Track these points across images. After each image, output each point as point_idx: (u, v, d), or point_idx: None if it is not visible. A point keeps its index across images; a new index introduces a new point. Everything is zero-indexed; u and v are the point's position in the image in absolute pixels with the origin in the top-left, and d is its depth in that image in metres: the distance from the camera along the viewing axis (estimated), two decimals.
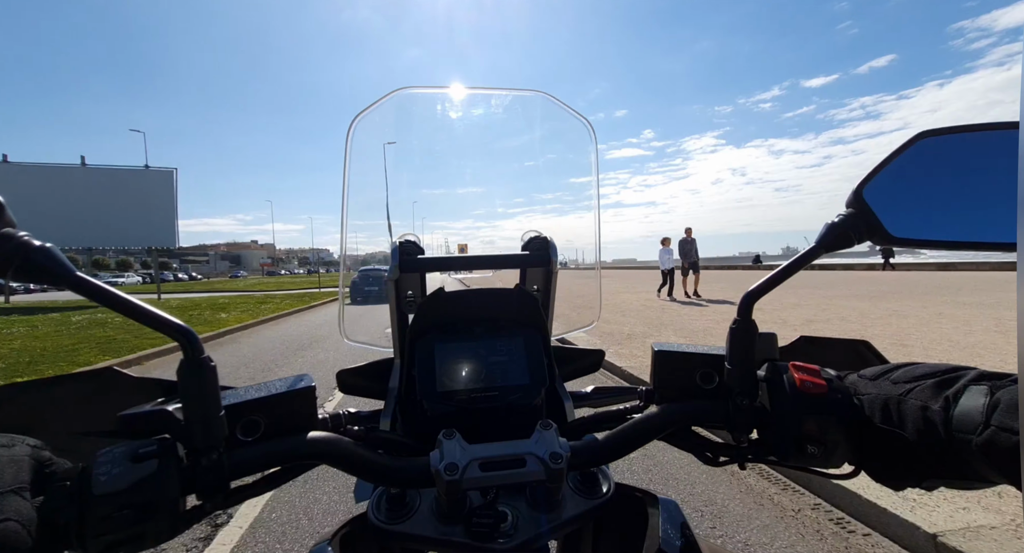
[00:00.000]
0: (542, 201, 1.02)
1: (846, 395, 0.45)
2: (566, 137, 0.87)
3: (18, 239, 0.34)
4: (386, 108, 0.75)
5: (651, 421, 0.52)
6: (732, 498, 2.56)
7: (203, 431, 0.40)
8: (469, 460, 0.45)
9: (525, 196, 1.03)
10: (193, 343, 0.39)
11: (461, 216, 1.03)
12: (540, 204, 1.01)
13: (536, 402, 0.64)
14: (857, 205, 0.47)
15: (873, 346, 0.55)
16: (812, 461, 0.45)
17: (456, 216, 1.04)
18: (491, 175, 0.99)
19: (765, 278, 0.49)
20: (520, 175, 0.99)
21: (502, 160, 0.96)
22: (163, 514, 0.36)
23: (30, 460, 0.34)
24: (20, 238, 0.34)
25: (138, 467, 0.36)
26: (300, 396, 0.49)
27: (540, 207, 1.01)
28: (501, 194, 1.01)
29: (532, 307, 0.69)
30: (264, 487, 0.47)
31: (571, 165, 0.91)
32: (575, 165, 0.90)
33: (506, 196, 1.01)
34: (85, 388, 0.44)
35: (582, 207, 0.92)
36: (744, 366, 0.49)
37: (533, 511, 0.53)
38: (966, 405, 0.37)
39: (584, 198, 0.92)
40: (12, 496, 0.31)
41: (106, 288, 0.37)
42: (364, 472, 0.48)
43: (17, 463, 0.33)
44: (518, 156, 0.95)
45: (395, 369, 0.71)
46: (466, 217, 1.03)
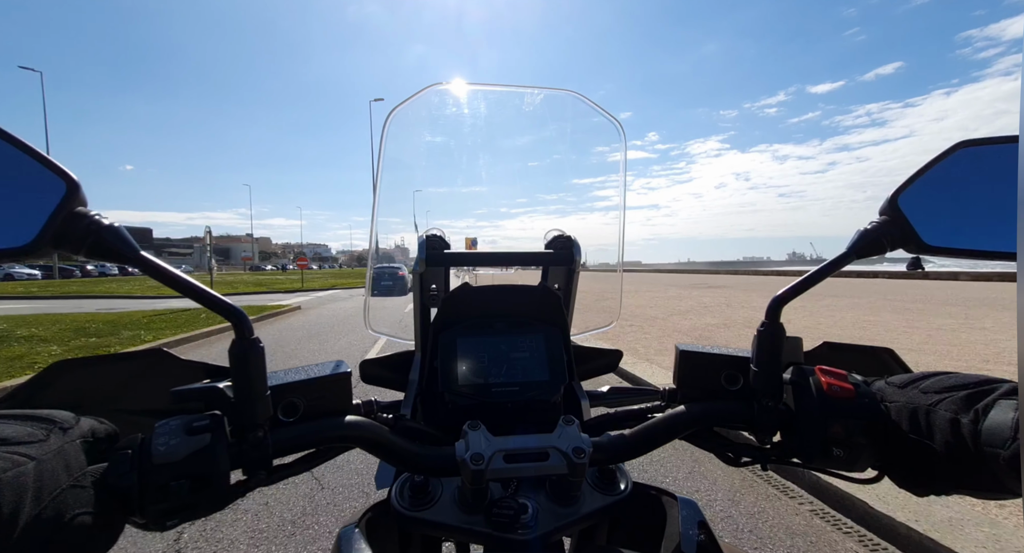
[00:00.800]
0: (569, 200, 1.03)
1: (873, 401, 0.45)
2: (596, 136, 0.88)
3: (91, 218, 0.36)
4: (420, 103, 0.76)
5: (674, 420, 0.53)
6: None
7: (250, 409, 0.41)
8: (494, 451, 0.46)
9: (551, 194, 1.04)
10: (244, 324, 0.41)
11: (489, 211, 1.05)
12: (566, 203, 1.02)
13: (555, 399, 0.65)
14: (892, 212, 0.47)
15: (896, 354, 0.55)
16: (836, 464, 0.46)
17: (483, 211, 1.05)
18: (519, 172, 1.00)
19: (794, 283, 0.49)
20: (546, 172, 1.00)
21: (531, 157, 0.97)
22: (214, 486, 0.38)
23: (77, 441, 0.35)
24: (92, 217, 0.36)
25: (193, 439, 0.37)
26: (337, 381, 0.50)
27: (565, 205, 1.02)
28: (527, 190, 1.02)
29: (555, 305, 0.70)
30: (302, 467, 0.49)
31: (599, 164, 0.91)
32: (602, 164, 0.90)
33: (532, 193, 1.02)
34: (135, 367, 0.46)
35: (607, 207, 0.92)
36: (771, 368, 0.50)
37: (552, 505, 0.54)
38: (995, 419, 0.37)
39: (608, 198, 0.93)
40: (72, 491, 0.32)
41: (167, 268, 0.39)
42: (394, 458, 0.49)
43: (64, 454, 0.33)
44: (548, 154, 0.96)
45: (416, 361, 0.72)
46: (493, 213, 1.05)
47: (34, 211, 0.33)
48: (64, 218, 0.34)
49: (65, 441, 0.34)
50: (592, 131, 0.86)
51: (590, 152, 0.91)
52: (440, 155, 0.91)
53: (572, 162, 0.95)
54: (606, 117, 0.82)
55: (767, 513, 2.46)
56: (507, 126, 0.91)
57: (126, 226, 0.37)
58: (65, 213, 0.34)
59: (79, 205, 0.35)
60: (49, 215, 0.34)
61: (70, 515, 0.31)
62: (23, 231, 0.33)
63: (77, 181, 0.35)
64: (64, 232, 0.35)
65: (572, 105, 0.84)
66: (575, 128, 0.88)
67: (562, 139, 0.91)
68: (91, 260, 0.36)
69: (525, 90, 0.85)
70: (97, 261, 0.37)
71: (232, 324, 0.41)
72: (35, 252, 0.34)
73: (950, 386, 0.42)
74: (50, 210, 0.34)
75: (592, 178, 0.94)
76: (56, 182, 0.34)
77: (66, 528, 0.30)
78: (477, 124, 0.88)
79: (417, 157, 0.88)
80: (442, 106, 0.84)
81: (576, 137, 0.89)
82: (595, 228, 0.94)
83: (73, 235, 0.35)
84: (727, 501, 2.59)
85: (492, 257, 0.77)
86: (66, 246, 0.35)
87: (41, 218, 0.33)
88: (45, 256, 0.36)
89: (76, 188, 0.35)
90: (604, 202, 0.93)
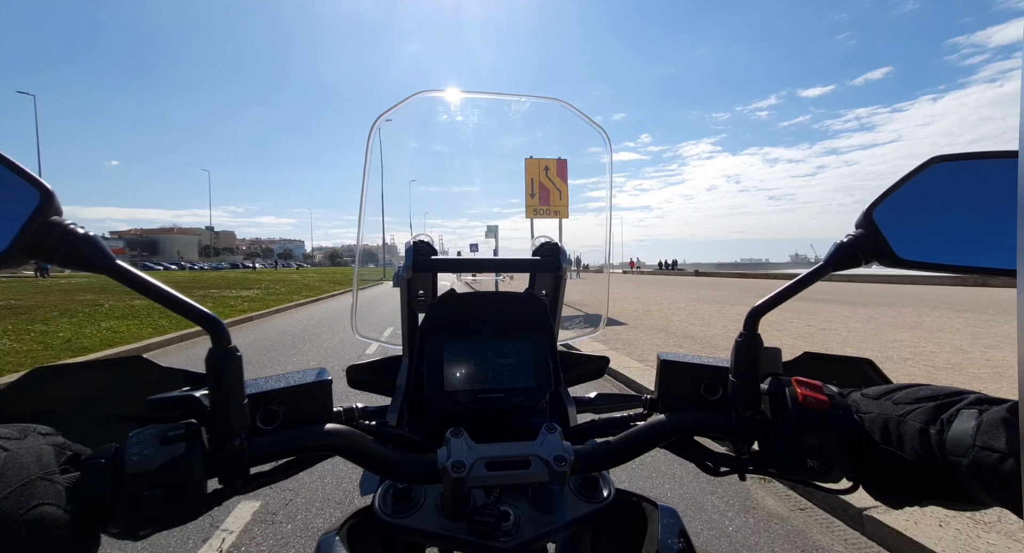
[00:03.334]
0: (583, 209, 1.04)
1: (847, 412, 0.46)
2: (582, 145, 0.88)
3: (64, 227, 0.36)
4: (407, 110, 0.77)
5: (655, 428, 0.53)
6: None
7: (227, 418, 0.41)
8: (476, 459, 0.46)
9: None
10: (221, 332, 0.41)
11: (474, 217, 1.05)
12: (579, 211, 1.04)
13: (541, 405, 0.65)
14: (867, 226, 0.47)
15: (876, 365, 0.56)
16: (811, 475, 0.46)
17: (469, 217, 1.06)
18: (507, 177, 1.01)
19: (772, 294, 0.49)
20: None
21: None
22: (188, 495, 0.38)
23: (52, 447, 0.35)
24: (66, 226, 0.36)
25: (167, 449, 0.37)
26: (318, 388, 0.50)
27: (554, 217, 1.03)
28: (515, 196, 1.03)
29: (541, 311, 0.70)
30: (280, 475, 0.49)
31: (591, 165, 0.92)
32: (595, 166, 0.91)
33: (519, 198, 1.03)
34: (112, 374, 0.46)
35: (600, 207, 0.93)
36: (748, 379, 0.50)
37: (534, 512, 0.54)
38: (958, 428, 0.38)
39: (601, 199, 0.93)
40: (40, 482, 0.32)
41: (142, 276, 0.39)
42: (374, 466, 0.49)
43: (37, 451, 0.34)
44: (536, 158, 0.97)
45: (403, 367, 0.72)
46: (478, 219, 1.05)
47: (7, 220, 0.33)
48: (38, 227, 0.34)
49: (41, 443, 0.35)
50: (580, 138, 0.87)
51: (581, 154, 0.92)
52: (428, 162, 0.91)
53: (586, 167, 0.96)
54: (592, 126, 0.82)
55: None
56: (495, 133, 0.92)
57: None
58: (39, 222, 0.34)
59: (53, 214, 0.35)
60: (23, 224, 0.34)
61: (36, 503, 0.31)
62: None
63: (51, 190, 0.35)
64: (38, 241, 0.34)
65: (559, 113, 0.85)
66: (563, 136, 0.88)
67: (549, 145, 0.91)
68: (65, 268, 0.36)
69: (513, 98, 0.85)
70: (71, 269, 0.37)
71: (208, 332, 0.41)
72: (8, 261, 0.33)
73: (921, 397, 0.43)
74: (23, 219, 0.34)
75: (586, 179, 0.95)
76: (30, 191, 0.34)
77: (32, 514, 0.30)
78: (465, 131, 0.88)
79: (405, 164, 0.88)
80: (430, 113, 0.84)
81: (564, 142, 0.90)
82: (589, 228, 0.95)
83: (47, 244, 0.35)
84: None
85: (479, 263, 0.77)
86: (39, 255, 0.35)
87: (14, 227, 0.33)
88: (19, 265, 0.35)
89: (50, 197, 0.35)
90: (598, 203, 0.94)
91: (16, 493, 0.30)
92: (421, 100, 0.78)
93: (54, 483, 0.33)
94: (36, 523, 0.31)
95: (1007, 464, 0.33)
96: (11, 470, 0.31)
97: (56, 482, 0.33)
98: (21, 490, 0.31)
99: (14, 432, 0.34)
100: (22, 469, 0.31)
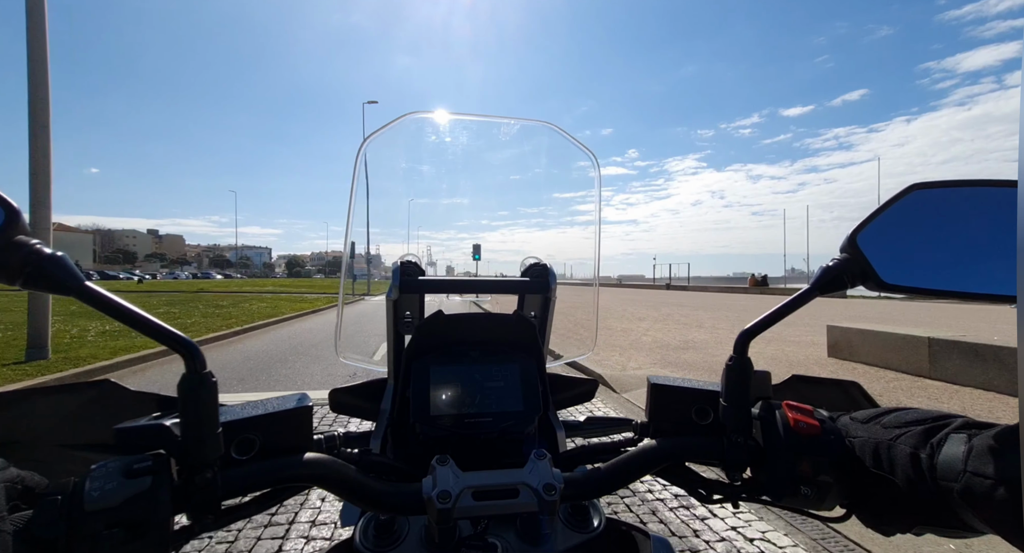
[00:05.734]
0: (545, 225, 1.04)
1: (839, 437, 0.46)
2: (570, 167, 0.89)
3: (30, 247, 0.34)
4: (395, 132, 0.76)
5: (646, 455, 0.52)
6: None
7: (199, 448, 0.39)
8: (462, 488, 0.44)
9: (527, 219, 1.05)
10: (196, 357, 0.39)
11: (463, 231, 1.05)
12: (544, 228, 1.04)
13: (530, 430, 0.63)
14: (851, 250, 0.48)
15: (863, 388, 0.56)
16: (805, 502, 0.45)
17: (456, 235, 1.06)
18: (494, 200, 1.01)
19: (761, 317, 0.49)
20: (523, 201, 1.01)
21: (505, 187, 0.99)
22: (153, 533, 0.35)
23: (5, 486, 0.32)
24: (32, 246, 0.34)
25: (131, 483, 0.35)
26: (297, 415, 0.48)
27: (542, 230, 1.03)
28: (501, 217, 1.03)
29: (530, 333, 0.69)
30: (255, 508, 0.46)
31: (572, 186, 0.93)
32: (576, 186, 0.92)
33: (507, 219, 1.03)
34: (80, 399, 0.43)
35: (589, 220, 0.94)
36: (739, 403, 0.50)
37: (523, 543, 0.52)
38: (948, 453, 0.37)
39: (584, 221, 0.94)
40: None
41: (113, 299, 0.37)
42: (355, 497, 0.47)
43: None
44: (521, 183, 0.98)
45: (388, 390, 0.70)
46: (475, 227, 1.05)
47: None
48: (2, 246, 0.33)
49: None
50: (568, 161, 0.88)
51: (568, 169, 0.93)
52: (416, 183, 0.91)
53: (549, 189, 0.96)
54: (580, 149, 0.83)
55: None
56: (482, 156, 0.92)
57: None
58: (3, 241, 0.33)
59: (19, 234, 0.34)
60: None
61: None
62: None
63: (17, 208, 0.33)
64: (1, 260, 0.33)
65: (548, 136, 0.86)
66: (551, 159, 0.89)
67: (539, 169, 0.92)
68: (28, 289, 0.34)
69: (502, 120, 0.86)
70: (35, 291, 0.35)
71: (182, 357, 0.39)
72: None
73: (909, 421, 0.43)
74: None
75: (577, 206, 0.96)
76: None
77: None
78: (453, 153, 0.88)
79: (392, 184, 0.87)
80: (418, 135, 0.84)
81: (552, 167, 0.91)
82: (577, 241, 0.95)
83: (10, 264, 0.33)
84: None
85: (467, 284, 0.76)
86: (2, 275, 0.33)
87: None
88: None
89: (16, 216, 0.33)
90: (585, 216, 0.94)
91: None
92: (410, 121, 0.78)
93: (2, 532, 0.30)
94: None
95: (999, 491, 0.32)
96: None
97: (3, 529, 0.30)
98: None
99: None
100: None
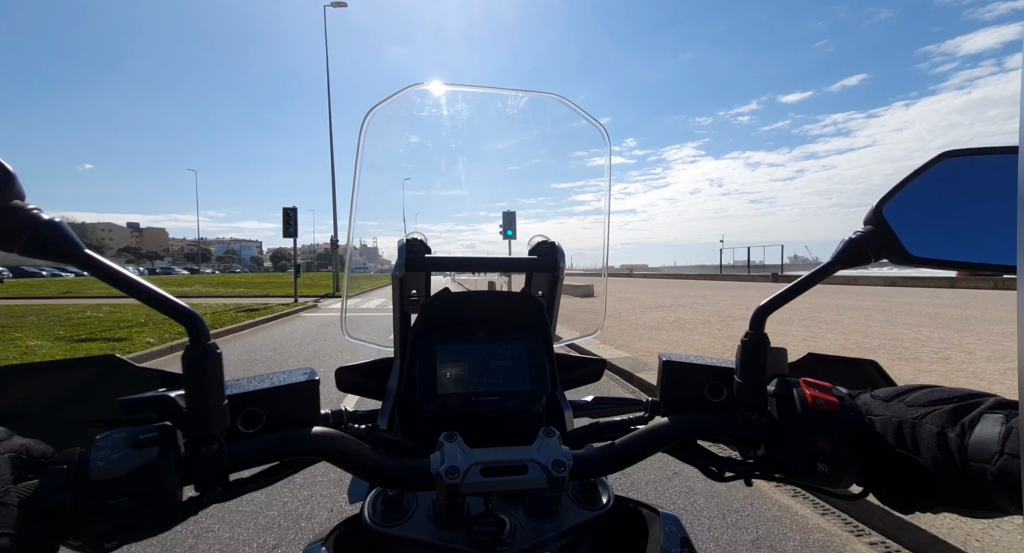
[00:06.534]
0: (548, 204, 1.02)
1: (858, 414, 0.44)
2: (578, 141, 0.87)
3: (26, 212, 0.33)
4: (400, 103, 0.74)
5: (657, 432, 0.51)
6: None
7: (205, 420, 0.39)
8: (470, 464, 0.44)
9: (532, 198, 1.03)
10: (200, 329, 0.38)
11: (469, 213, 1.04)
12: (545, 207, 1.02)
13: (537, 409, 0.63)
14: (876, 222, 0.46)
15: (880, 366, 0.55)
16: (821, 479, 0.44)
17: (462, 213, 1.04)
18: (500, 175, 0.99)
19: (778, 292, 0.48)
20: (528, 176, 0.99)
21: (514, 161, 0.96)
22: (160, 504, 0.35)
23: (6, 455, 0.32)
24: (29, 211, 0.33)
25: (138, 453, 0.35)
26: (304, 389, 0.48)
27: (545, 209, 1.01)
28: (508, 194, 1.01)
29: (537, 312, 0.68)
30: (262, 482, 0.46)
31: (578, 169, 0.91)
32: (582, 169, 0.90)
33: (512, 197, 1.01)
34: (84, 374, 0.43)
35: (586, 211, 0.92)
36: (754, 380, 0.49)
37: (531, 520, 0.52)
38: (981, 433, 0.36)
39: (587, 202, 0.92)
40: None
41: (114, 267, 0.36)
42: (364, 472, 0.47)
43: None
44: (529, 158, 0.95)
45: (394, 369, 0.70)
46: (473, 216, 1.04)
47: None
48: None
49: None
50: (574, 136, 0.86)
51: (571, 156, 0.91)
52: (421, 156, 0.89)
53: (553, 166, 0.94)
54: (591, 122, 0.81)
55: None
56: (490, 129, 0.90)
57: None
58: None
59: (15, 198, 0.32)
60: None
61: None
62: None
63: (12, 172, 0.32)
64: None
65: (556, 109, 0.83)
66: (558, 132, 0.87)
67: (545, 143, 0.90)
68: (26, 257, 0.33)
69: (509, 92, 0.84)
70: (34, 258, 0.34)
71: (186, 328, 0.38)
72: None
73: (935, 399, 0.41)
74: None
75: (572, 182, 0.94)
76: None
77: None
78: (459, 126, 0.86)
79: (396, 158, 0.86)
80: (424, 106, 0.82)
81: (559, 141, 0.89)
82: (575, 232, 0.93)
83: (6, 230, 0.32)
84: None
85: (474, 262, 0.75)
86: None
87: None
88: None
89: (11, 179, 0.32)
90: (583, 206, 0.92)
91: None
92: (414, 93, 0.76)
93: (6, 505, 0.30)
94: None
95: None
96: None
97: (7, 502, 0.30)
98: None
99: None
100: None
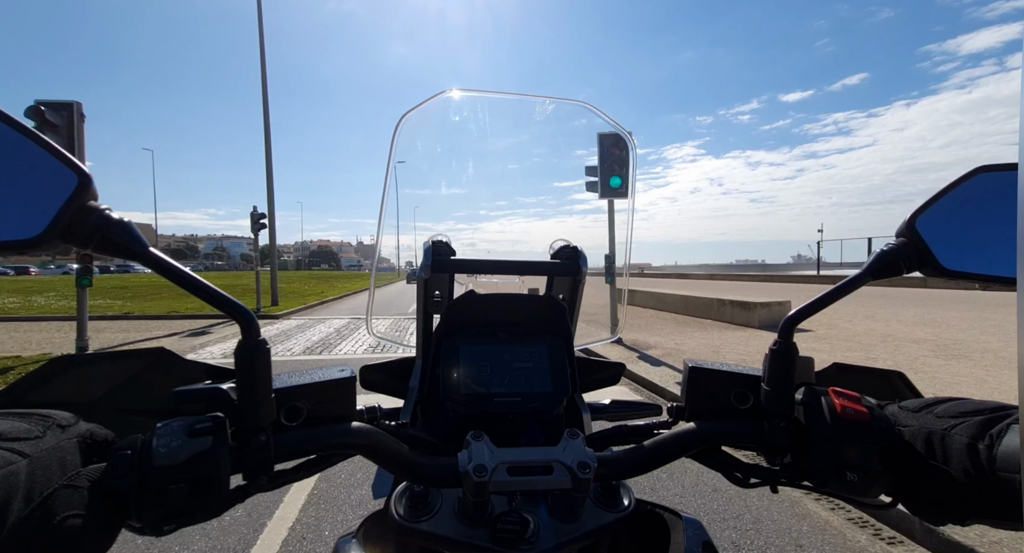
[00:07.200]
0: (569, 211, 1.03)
1: (888, 424, 0.45)
2: (567, 147, 0.88)
3: (101, 213, 0.35)
4: (432, 109, 0.76)
5: (682, 437, 0.52)
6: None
7: (254, 412, 0.40)
8: (497, 463, 0.45)
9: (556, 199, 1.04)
10: (252, 325, 0.40)
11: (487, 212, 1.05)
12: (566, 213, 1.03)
13: (558, 411, 0.64)
14: (909, 234, 0.46)
15: (907, 377, 0.55)
16: (850, 489, 0.45)
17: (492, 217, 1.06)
18: (526, 177, 1.00)
19: (808, 302, 0.48)
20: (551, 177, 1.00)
21: (541, 164, 0.98)
22: (214, 491, 0.37)
23: (74, 440, 0.34)
24: (103, 212, 0.35)
25: (194, 442, 0.36)
26: (342, 385, 0.49)
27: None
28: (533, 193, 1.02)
29: (559, 315, 0.69)
30: (304, 472, 0.48)
31: (570, 175, 0.92)
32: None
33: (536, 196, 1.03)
34: (137, 365, 0.45)
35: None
36: (782, 388, 0.49)
37: (553, 521, 0.53)
38: (1009, 444, 0.36)
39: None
40: (64, 491, 0.31)
41: (176, 265, 0.38)
42: (396, 467, 0.48)
43: (60, 451, 0.32)
44: (554, 162, 0.97)
45: (416, 368, 0.71)
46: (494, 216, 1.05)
47: (45, 204, 0.33)
48: (74, 212, 0.34)
49: (62, 439, 0.33)
50: (603, 140, 0.87)
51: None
52: (450, 160, 0.91)
53: (576, 169, 0.95)
54: (617, 128, 0.82)
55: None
56: (517, 134, 0.91)
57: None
58: (75, 207, 0.34)
59: (90, 199, 0.35)
60: (59, 208, 0.33)
61: (60, 517, 0.30)
62: (32, 223, 0.32)
63: (90, 175, 0.34)
64: (73, 226, 0.34)
65: (584, 115, 0.85)
66: (586, 138, 0.88)
67: (573, 148, 0.91)
68: (99, 254, 0.36)
69: (538, 99, 0.85)
70: (105, 256, 0.36)
71: (239, 324, 0.40)
72: (43, 245, 0.33)
73: (965, 411, 0.42)
74: (60, 203, 0.33)
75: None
76: (68, 175, 0.34)
77: (56, 530, 0.29)
78: (487, 131, 0.88)
79: (426, 161, 0.87)
80: (454, 111, 0.84)
81: (587, 146, 0.90)
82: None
83: (82, 229, 0.34)
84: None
85: (497, 265, 0.76)
86: (74, 240, 0.35)
87: (51, 211, 0.33)
88: (53, 249, 0.35)
89: (88, 182, 0.34)
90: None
91: (39, 508, 0.29)
92: (445, 99, 0.78)
93: (77, 488, 0.32)
94: (62, 533, 0.30)
95: None
96: (36, 482, 0.30)
97: (79, 486, 0.32)
98: (44, 504, 0.29)
99: (35, 427, 0.33)
100: (46, 479, 0.30)
